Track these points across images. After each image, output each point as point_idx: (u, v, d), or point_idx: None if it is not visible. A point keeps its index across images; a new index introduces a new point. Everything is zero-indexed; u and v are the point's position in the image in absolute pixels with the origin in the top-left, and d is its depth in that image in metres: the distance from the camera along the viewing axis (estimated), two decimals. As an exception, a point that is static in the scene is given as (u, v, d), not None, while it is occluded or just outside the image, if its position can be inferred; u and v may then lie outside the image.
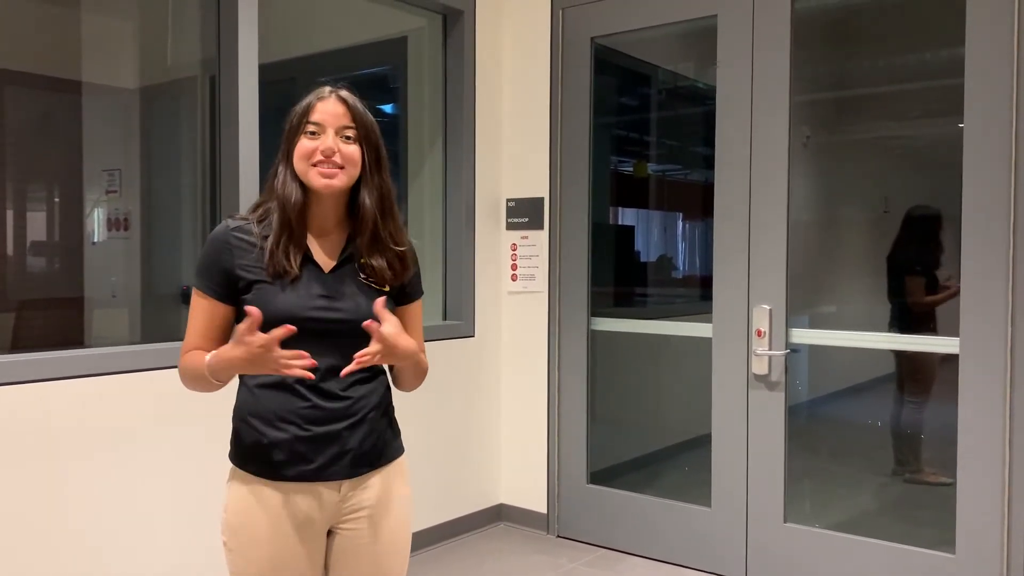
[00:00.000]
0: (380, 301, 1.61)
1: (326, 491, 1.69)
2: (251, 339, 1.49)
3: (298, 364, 1.51)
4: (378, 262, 1.71)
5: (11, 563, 2.52)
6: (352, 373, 1.64)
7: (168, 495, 2.89)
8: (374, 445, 1.73)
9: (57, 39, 3.97)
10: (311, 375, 1.54)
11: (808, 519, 3.41)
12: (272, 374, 1.57)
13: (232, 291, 1.67)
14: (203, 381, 1.64)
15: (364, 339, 1.68)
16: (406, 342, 1.62)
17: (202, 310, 1.68)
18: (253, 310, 1.51)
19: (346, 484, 1.70)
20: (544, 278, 4.06)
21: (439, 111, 4.09)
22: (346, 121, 1.64)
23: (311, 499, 1.67)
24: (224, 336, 1.70)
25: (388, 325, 1.58)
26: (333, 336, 1.66)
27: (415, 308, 1.85)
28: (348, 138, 1.65)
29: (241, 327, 1.50)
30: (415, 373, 1.78)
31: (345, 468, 1.69)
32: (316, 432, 1.66)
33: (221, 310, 1.68)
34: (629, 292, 4.38)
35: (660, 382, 4.21)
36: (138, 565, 2.81)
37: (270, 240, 1.65)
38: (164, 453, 2.88)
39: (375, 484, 1.74)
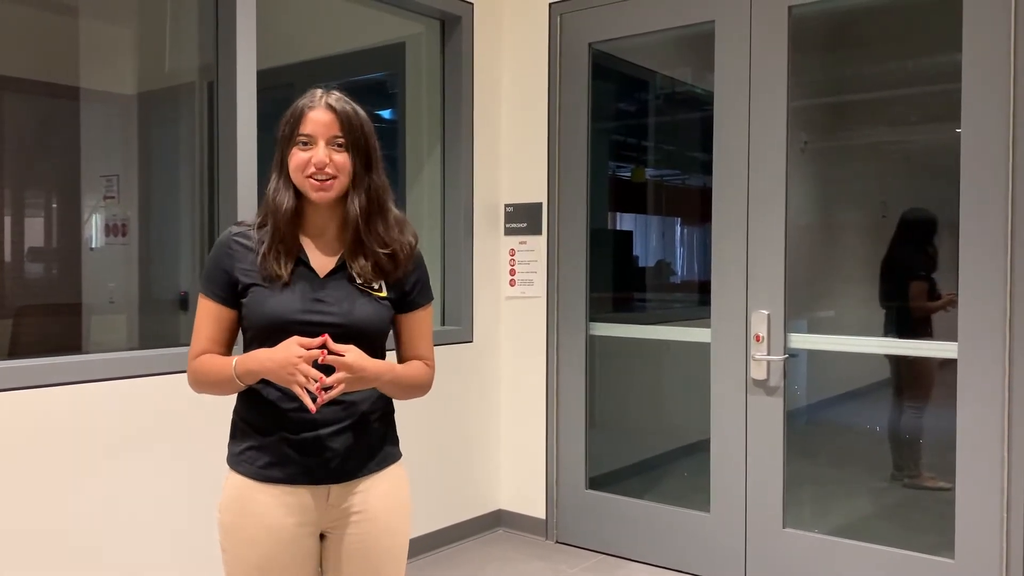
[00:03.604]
0: (327, 343, 1.62)
1: (313, 494, 1.70)
2: (298, 346, 1.57)
3: (310, 388, 1.55)
4: (361, 264, 1.71)
5: (11, 568, 2.51)
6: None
7: (167, 499, 2.88)
8: (364, 450, 1.73)
9: (55, 45, 3.97)
10: (312, 407, 1.57)
11: (807, 524, 3.41)
12: (283, 384, 1.60)
13: (233, 295, 1.70)
14: (224, 385, 1.66)
15: (360, 343, 1.68)
16: (373, 366, 1.64)
17: (209, 315, 1.71)
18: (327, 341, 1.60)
19: (335, 488, 1.71)
20: (542, 283, 4.06)
21: (437, 116, 4.09)
22: (335, 130, 1.66)
23: (298, 502, 1.69)
24: (232, 339, 1.74)
25: (350, 354, 1.60)
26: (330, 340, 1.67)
27: (421, 315, 1.84)
28: (339, 146, 1.66)
29: (299, 339, 1.58)
30: (401, 389, 1.77)
31: (332, 472, 1.70)
32: (304, 436, 1.68)
33: (227, 314, 1.71)
34: (628, 297, 4.38)
35: (659, 387, 4.21)
36: (138, 569, 2.80)
37: (264, 245, 1.69)
38: (163, 458, 2.87)
39: (367, 489, 1.75)
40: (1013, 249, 2.89)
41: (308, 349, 1.57)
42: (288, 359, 1.56)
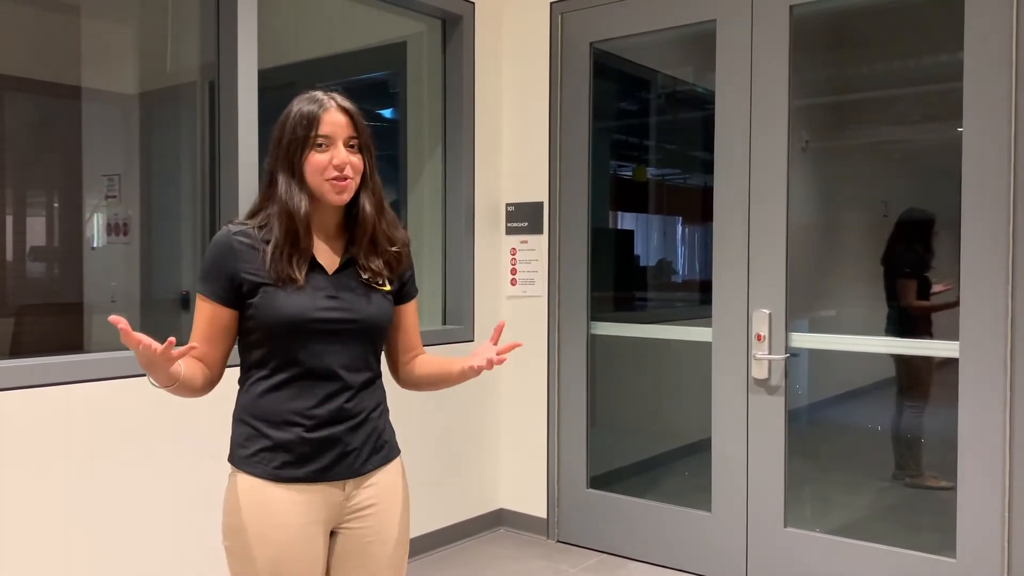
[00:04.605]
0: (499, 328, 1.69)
1: (331, 491, 1.71)
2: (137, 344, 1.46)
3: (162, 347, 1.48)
4: (376, 263, 1.75)
5: (11, 567, 2.51)
6: (361, 374, 1.72)
7: (168, 499, 2.88)
8: (376, 444, 1.76)
9: (57, 44, 3.97)
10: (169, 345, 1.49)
11: (808, 523, 3.41)
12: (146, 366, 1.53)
13: (235, 295, 1.67)
14: (173, 390, 1.64)
15: (371, 338, 1.74)
16: None
17: (204, 315, 1.70)
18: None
19: (350, 483, 1.73)
20: (544, 282, 4.06)
21: (438, 116, 4.09)
22: (351, 131, 1.68)
23: (316, 499, 1.69)
24: (225, 340, 1.71)
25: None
26: (341, 336, 1.69)
27: (413, 306, 1.90)
28: (352, 147, 1.68)
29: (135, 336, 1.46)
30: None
31: (349, 467, 1.71)
32: (322, 433, 1.68)
33: (223, 314, 1.69)
34: (629, 296, 4.38)
35: (660, 386, 4.21)
36: (138, 569, 2.81)
37: (271, 246, 1.67)
38: (164, 457, 2.87)
39: (377, 483, 1.77)
40: (1015, 248, 2.89)
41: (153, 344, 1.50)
42: (141, 358, 1.50)
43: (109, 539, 2.74)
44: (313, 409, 1.67)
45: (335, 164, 1.64)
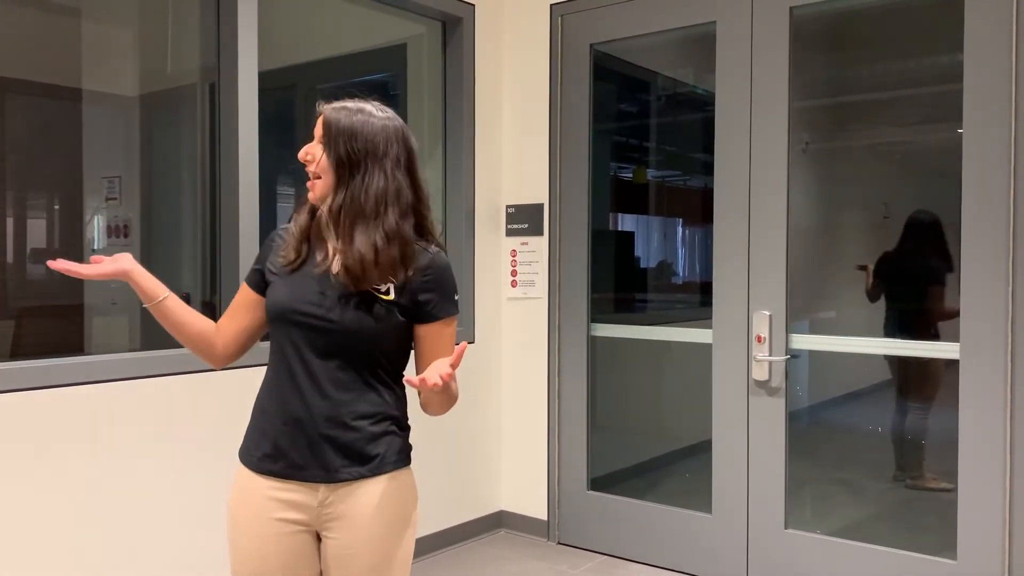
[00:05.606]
0: (460, 349, 1.53)
1: (305, 491, 1.70)
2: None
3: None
4: (348, 263, 1.66)
5: (13, 569, 2.51)
6: (347, 376, 1.70)
7: (171, 501, 2.88)
8: (361, 454, 1.69)
9: (57, 47, 3.98)
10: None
11: (809, 525, 3.41)
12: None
13: (262, 281, 1.80)
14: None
15: (356, 343, 1.68)
16: (455, 384, 1.73)
17: (238, 293, 1.85)
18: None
19: (324, 488, 1.68)
20: (544, 284, 4.06)
21: (439, 117, 4.09)
22: (319, 131, 1.73)
23: (290, 498, 1.70)
24: (240, 316, 1.83)
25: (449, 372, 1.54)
26: (323, 335, 1.68)
27: (440, 329, 1.75)
28: (324, 147, 1.72)
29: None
30: (445, 403, 1.74)
31: (321, 471, 1.68)
32: (296, 430, 1.69)
33: (247, 293, 1.83)
34: (629, 298, 4.37)
35: (660, 388, 4.21)
36: (142, 570, 2.80)
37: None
38: (165, 459, 2.87)
39: (355, 494, 1.69)
40: (1015, 249, 2.89)
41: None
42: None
43: (112, 540, 2.73)
44: (292, 405, 1.69)
45: (299, 156, 1.74)
